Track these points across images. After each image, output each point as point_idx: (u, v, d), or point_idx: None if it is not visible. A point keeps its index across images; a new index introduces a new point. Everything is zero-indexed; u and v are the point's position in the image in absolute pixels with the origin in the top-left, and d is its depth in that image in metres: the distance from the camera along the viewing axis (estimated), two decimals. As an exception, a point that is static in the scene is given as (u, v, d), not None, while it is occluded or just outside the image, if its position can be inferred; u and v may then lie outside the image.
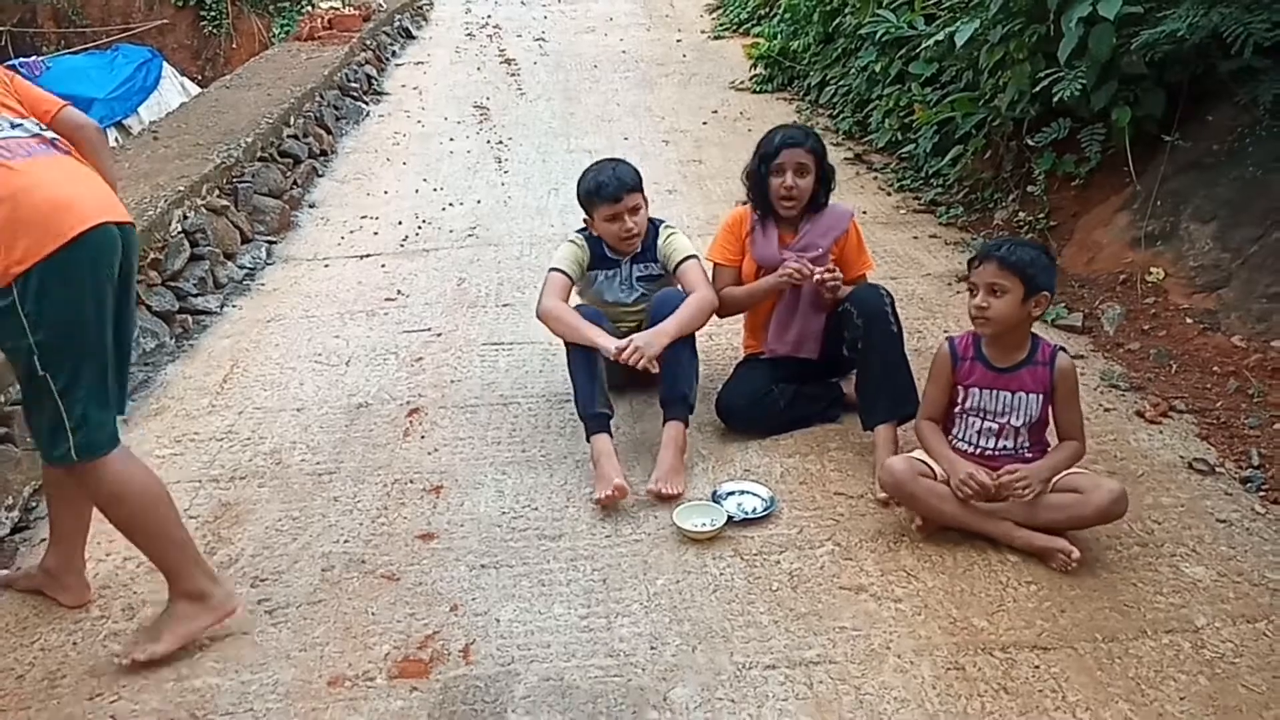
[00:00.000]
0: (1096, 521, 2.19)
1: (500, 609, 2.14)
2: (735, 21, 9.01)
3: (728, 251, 2.85)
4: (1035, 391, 2.25)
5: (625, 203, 2.72)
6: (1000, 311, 2.20)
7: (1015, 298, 2.19)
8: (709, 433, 2.81)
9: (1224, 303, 3.18)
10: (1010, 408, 2.27)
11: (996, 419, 2.29)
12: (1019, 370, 2.26)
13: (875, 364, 2.58)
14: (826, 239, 2.73)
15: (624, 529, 2.40)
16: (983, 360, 2.29)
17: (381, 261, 4.28)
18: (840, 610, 2.09)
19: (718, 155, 5.56)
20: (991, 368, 2.28)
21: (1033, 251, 2.22)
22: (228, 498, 2.59)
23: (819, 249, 2.71)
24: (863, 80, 5.73)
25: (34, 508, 2.59)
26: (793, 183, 2.66)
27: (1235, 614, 2.05)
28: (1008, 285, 2.18)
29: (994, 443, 2.30)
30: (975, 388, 2.30)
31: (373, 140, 6.23)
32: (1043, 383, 2.25)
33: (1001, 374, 2.27)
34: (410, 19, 9.60)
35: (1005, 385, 2.27)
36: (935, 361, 2.37)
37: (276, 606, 2.17)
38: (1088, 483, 2.20)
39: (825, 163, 2.74)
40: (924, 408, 2.40)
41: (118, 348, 1.97)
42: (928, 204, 4.64)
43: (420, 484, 2.62)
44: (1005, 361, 2.27)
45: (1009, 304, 2.19)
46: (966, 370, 2.31)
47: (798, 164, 2.67)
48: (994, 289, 2.19)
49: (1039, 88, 3.76)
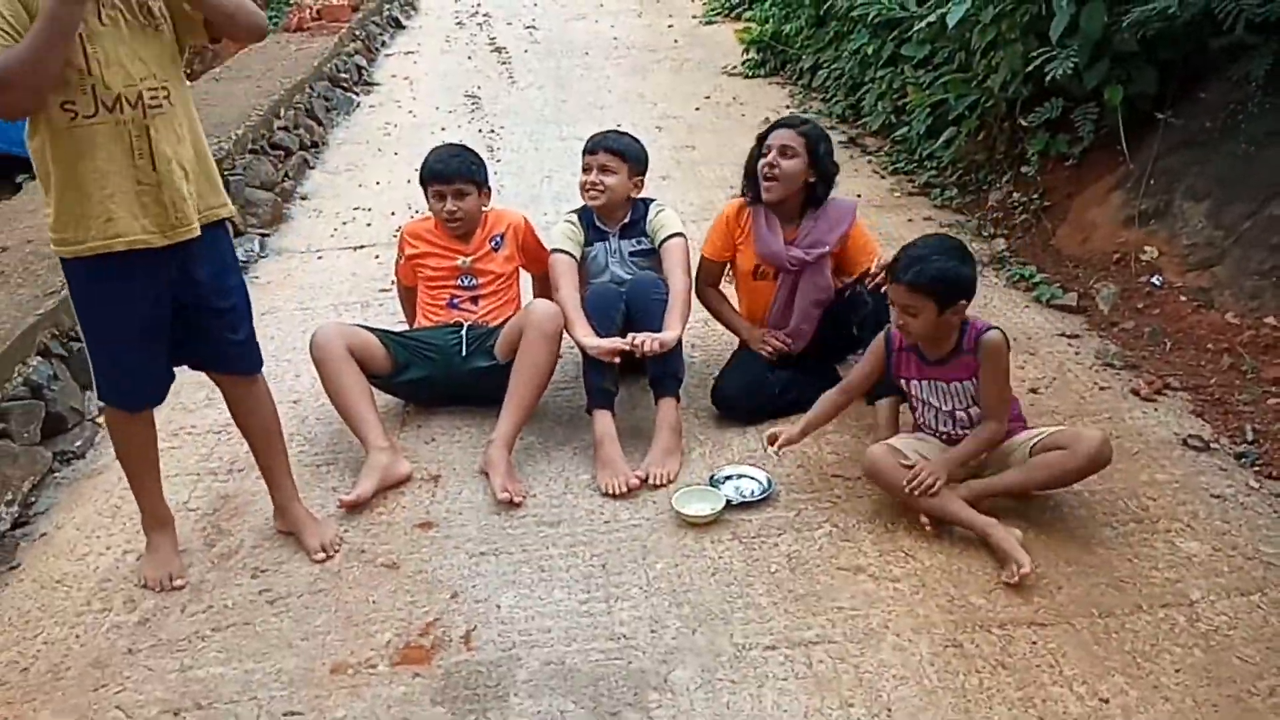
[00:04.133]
0: (1088, 471, 2.19)
1: (500, 595, 2.15)
2: (727, 6, 8.97)
3: (717, 247, 2.88)
4: (968, 378, 2.27)
5: (597, 157, 2.82)
6: (919, 328, 2.23)
7: (930, 315, 2.20)
8: (705, 418, 2.82)
9: (1217, 280, 3.19)
10: (949, 394, 2.30)
11: (942, 407, 2.33)
12: (949, 361, 2.28)
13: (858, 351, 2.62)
14: (832, 236, 2.72)
15: (622, 514, 2.41)
16: (916, 352, 2.32)
17: (375, 252, 4.27)
18: (839, 591, 2.11)
19: (711, 141, 5.55)
20: (924, 360, 2.32)
21: (942, 264, 2.17)
22: (226, 490, 2.60)
23: (825, 247, 2.70)
24: (855, 63, 5.71)
25: (33, 503, 2.60)
26: (775, 160, 2.67)
27: (1230, 587, 2.06)
28: (919, 306, 2.19)
29: (953, 427, 2.33)
30: (914, 380, 2.34)
31: (364, 131, 6.21)
32: (972, 369, 2.26)
33: (933, 366, 2.30)
34: (400, 8, 9.55)
35: (939, 376, 2.30)
36: (871, 345, 2.40)
37: (278, 596, 2.18)
38: (1069, 437, 2.22)
39: (821, 154, 2.71)
40: (843, 382, 2.46)
41: None
42: (922, 186, 4.64)
43: (418, 473, 2.63)
44: (937, 353, 2.29)
45: (925, 321, 2.21)
46: (902, 361, 2.35)
47: (783, 145, 2.68)
48: (907, 309, 2.21)
49: (1031, 67, 3.76)
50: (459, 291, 2.92)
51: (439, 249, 2.94)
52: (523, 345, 2.60)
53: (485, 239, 2.95)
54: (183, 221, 1.96)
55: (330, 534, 2.33)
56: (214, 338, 2.13)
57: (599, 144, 2.84)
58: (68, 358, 2.95)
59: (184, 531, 2.42)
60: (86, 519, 2.52)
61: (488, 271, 2.92)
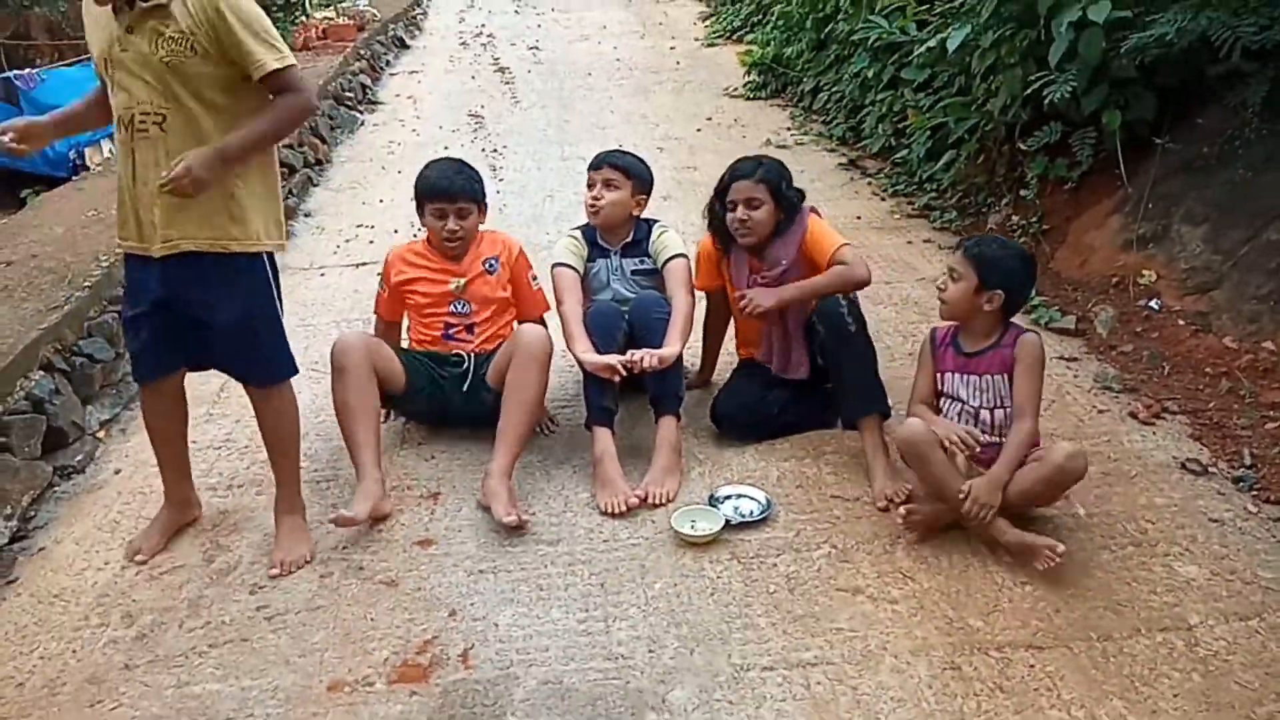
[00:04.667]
0: (1058, 481, 2.19)
1: (498, 613, 2.15)
2: (728, 29, 9.05)
3: (709, 278, 2.93)
4: (1001, 373, 2.32)
5: (601, 172, 2.84)
6: (952, 296, 2.34)
7: (968, 286, 2.31)
8: (705, 437, 2.82)
9: (1216, 304, 3.20)
10: (979, 389, 2.34)
11: (970, 403, 2.35)
12: (985, 354, 2.34)
13: (840, 364, 2.60)
14: (789, 250, 2.70)
15: (621, 534, 2.41)
16: (955, 347, 2.39)
17: (377, 269, 4.26)
18: (837, 612, 2.11)
19: (712, 162, 5.57)
20: (961, 353, 2.37)
21: (1000, 251, 2.35)
22: (226, 505, 2.60)
23: (782, 265, 2.69)
24: (855, 86, 5.76)
25: (32, 517, 2.60)
26: (745, 215, 2.68)
27: (1228, 612, 2.06)
28: (961, 273, 2.32)
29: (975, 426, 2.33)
30: (949, 373, 2.39)
31: (368, 149, 6.25)
32: (1007, 364, 2.31)
33: (970, 358, 2.36)
34: (404, 28, 9.63)
35: (973, 369, 2.35)
36: (921, 348, 2.49)
37: (276, 613, 2.18)
38: (1041, 450, 2.25)
39: (783, 192, 2.69)
40: (913, 395, 2.47)
41: None
42: (921, 209, 4.67)
43: (418, 490, 2.63)
44: (974, 347, 2.36)
45: (961, 291, 2.33)
46: (941, 356, 2.42)
47: (747, 198, 2.67)
48: (952, 274, 2.34)
49: (1030, 91, 3.79)
50: (453, 320, 2.80)
51: (430, 272, 2.81)
52: (511, 372, 2.55)
53: (478, 259, 2.82)
54: (154, 240, 2.13)
55: (296, 554, 2.34)
56: (219, 351, 2.29)
57: (604, 160, 2.87)
58: (70, 372, 2.97)
59: (182, 547, 2.43)
60: (85, 534, 2.52)
61: (481, 296, 2.80)
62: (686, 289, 2.78)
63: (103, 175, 4.74)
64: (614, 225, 2.88)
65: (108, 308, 3.28)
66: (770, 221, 2.70)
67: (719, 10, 9.74)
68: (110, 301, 3.30)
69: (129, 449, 2.94)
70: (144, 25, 2.03)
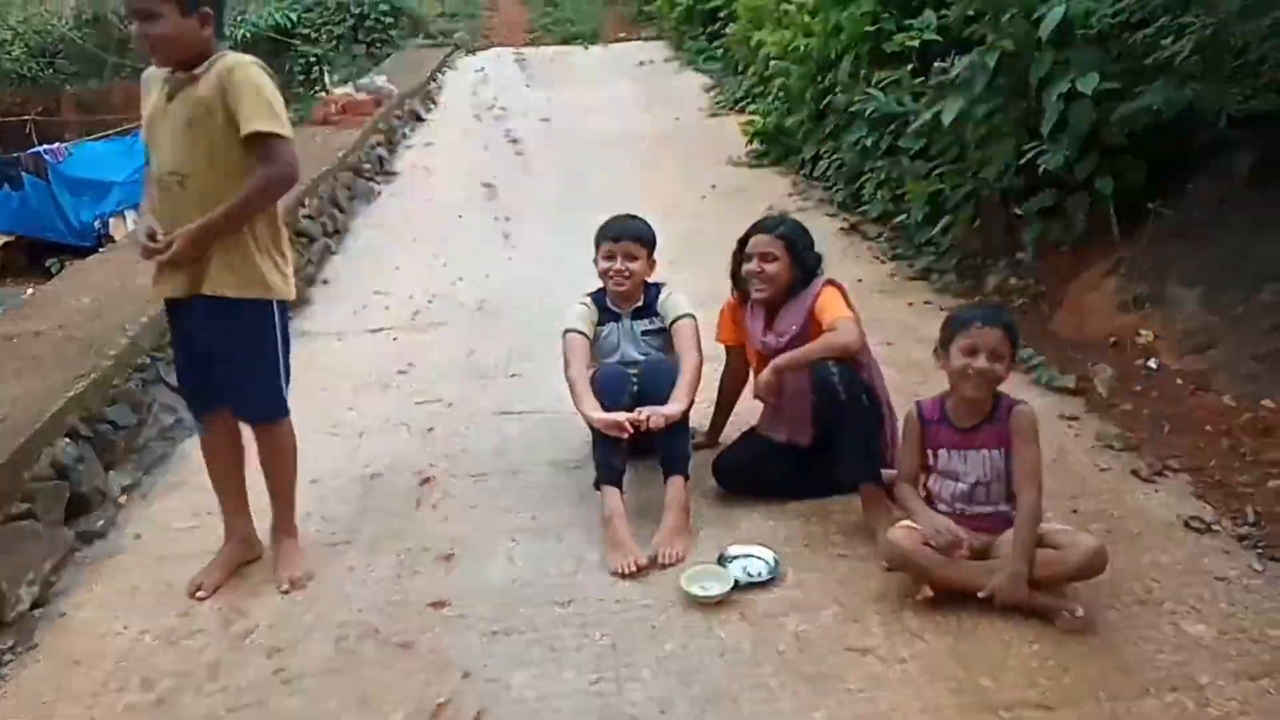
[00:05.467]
0: (1077, 577, 2.22)
1: (512, 675, 2.17)
2: (731, 100, 9.33)
3: (730, 334, 3.03)
4: (997, 447, 2.33)
5: (621, 245, 2.94)
6: (1000, 374, 2.32)
7: (1009, 361, 2.32)
8: (713, 497, 2.87)
9: (1213, 363, 3.26)
10: (977, 465, 2.35)
11: (965, 479, 2.36)
12: (981, 429, 2.35)
13: (833, 431, 2.64)
14: (799, 316, 2.77)
15: (633, 594, 2.44)
16: (948, 422, 2.39)
17: (394, 335, 4.40)
18: (846, 672, 2.12)
19: (717, 228, 5.69)
20: (957, 429, 2.38)
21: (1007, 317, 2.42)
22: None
23: (792, 330, 2.75)
24: (855, 154, 5.92)
25: (53, 583, 2.65)
26: (758, 268, 2.78)
27: (1238, 671, 2.06)
28: (1003, 351, 2.31)
29: (969, 505, 2.36)
30: (944, 449, 2.39)
31: (384, 218, 6.43)
32: (1004, 439, 2.33)
33: (965, 434, 2.37)
34: (420, 103, 9.96)
35: (969, 444, 2.36)
36: (905, 425, 2.48)
37: (292, 676, 2.21)
38: (1066, 540, 2.24)
39: (800, 251, 2.79)
40: (900, 472, 2.46)
41: None
42: (921, 271, 4.77)
43: (433, 552, 2.68)
44: (969, 422, 2.37)
45: (1006, 367, 2.32)
46: (934, 432, 2.41)
47: (762, 252, 2.78)
48: (996, 355, 2.30)
49: (1024, 160, 3.92)
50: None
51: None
52: None
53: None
54: (168, 282, 2.39)
55: (302, 570, 2.56)
56: (224, 388, 2.49)
57: (622, 232, 2.97)
58: (94, 439, 3.04)
59: (201, 612, 2.47)
60: (105, 599, 2.57)
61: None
62: (694, 348, 2.87)
63: (129, 247, 4.88)
64: (633, 293, 2.99)
65: (131, 375, 3.38)
66: (785, 278, 2.78)
67: (722, 82, 10.06)
68: (135, 369, 3.41)
69: (150, 514, 3.00)
70: (179, 93, 2.30)
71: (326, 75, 11.16)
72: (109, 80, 13.91)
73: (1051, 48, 3.78)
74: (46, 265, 10.28)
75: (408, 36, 14.13)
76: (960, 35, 4.59)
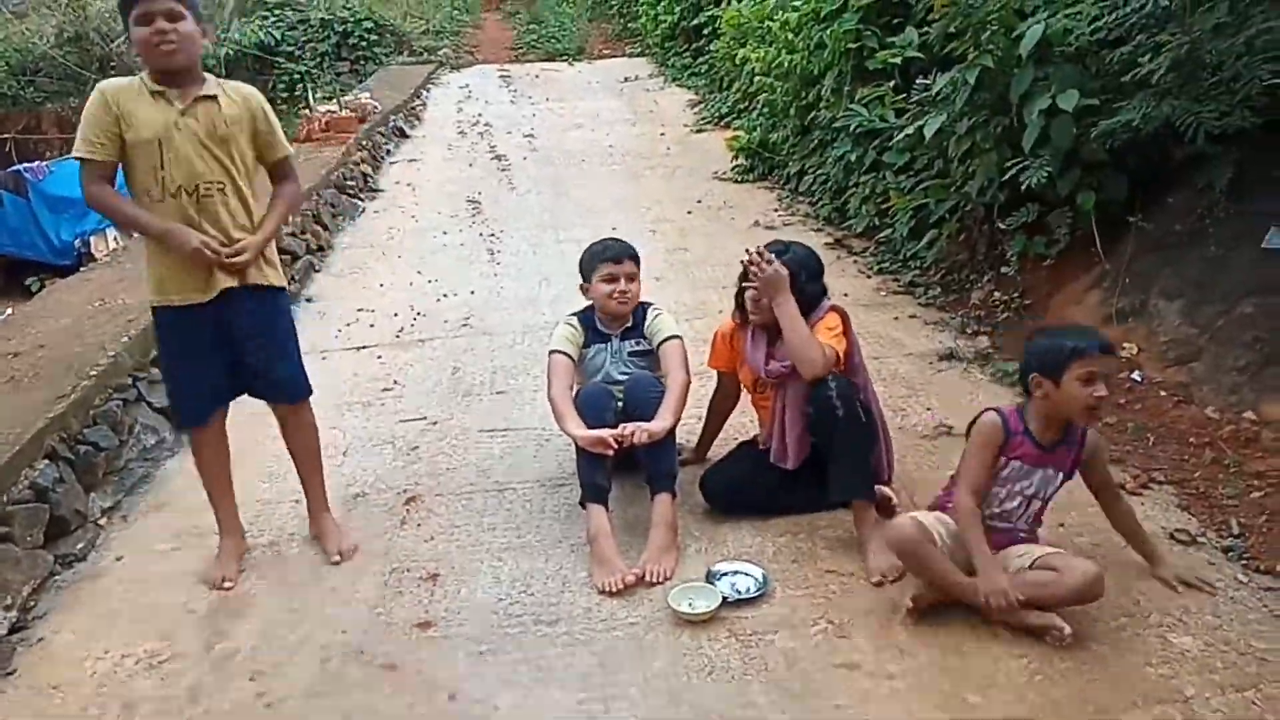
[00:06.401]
0: (1073, 601, 2.21)
1: (499, 696, 2.15)
2: (716, 115, 9.39)
3: (722, 359, 3.00)
4: (1064, 469, 2.34)
5: (624, 266, 2.93)
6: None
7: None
8: (700, 514, 2.86)
9: (1196, 375, 3.29)
10: (1035, 483, 2.34)
11: (1019, 494, 2.34)
12: (1058, 448, 2.33)
13: (829, 446, 2.63)
14: None
15: (620, 613, 2.43)
16: (1030, 436, 2.32)
17: (378, 353, 4.38)
18: (835, 689, 2.12)
19: (702, 243, 5.75)
20: (1038, 444, 2.32)
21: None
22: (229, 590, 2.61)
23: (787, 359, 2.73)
24: (839, 169, 5.96)
25: (32, 607, 2.61)
26: (759, 296, 2.73)
27: (1224, 683, 2.07)
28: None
29: (999, 520, 2.36)
30: (1016, 460, 2.32)
31: (368, 235, 6.41)
32: (1072, 462, 2.34)
33: (1045, 451, 2.32)
34: (404, 119, 9.96)
35: (1046, 462, 2.33)
36: (983, 432, 2.32)
37: (276, 700, 2.18)
38: (1062, 563, 2.24)
39: (802, 281, 2.73)
40: (967, 482, 2.31)
41: None
42: (906, 285, 4.79)
43: (417, 572, 2.65)
44: (1049, 440, 2.32)
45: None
46: (1016, 444, 2.32)
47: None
48: (1112, 380, 2.27)
49: (1007, 175, 3.96)
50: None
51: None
52: None
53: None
54: (216, 285, 2.50)
55: (349, 543, 2.76)
56: (258, 372, 2.63)
57: (622, 252, 2.96)
58: (74, 460, 3.00)
59: (183, 635, 2.43)
60: (85, 624, 2.52)
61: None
62: (681, 368, 2.86)
63: (109, 266, 4.85)
64: (628, 314, 2.98)
65: (113, 396, 3.34)
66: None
67: (707, 99, 10.11)
68: (115, 390, 3.37)
69: (130, 536, 2.97)
70: (196, 110, 2.45)
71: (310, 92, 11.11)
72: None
73: (1031, 65, 3.83)
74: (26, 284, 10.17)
75: (391, 53, 14.13)
76: (942, 52, 4.64)
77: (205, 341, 2.56)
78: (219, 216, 2.49)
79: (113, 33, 14.07)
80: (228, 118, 2.49)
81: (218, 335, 2.56)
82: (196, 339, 2.56)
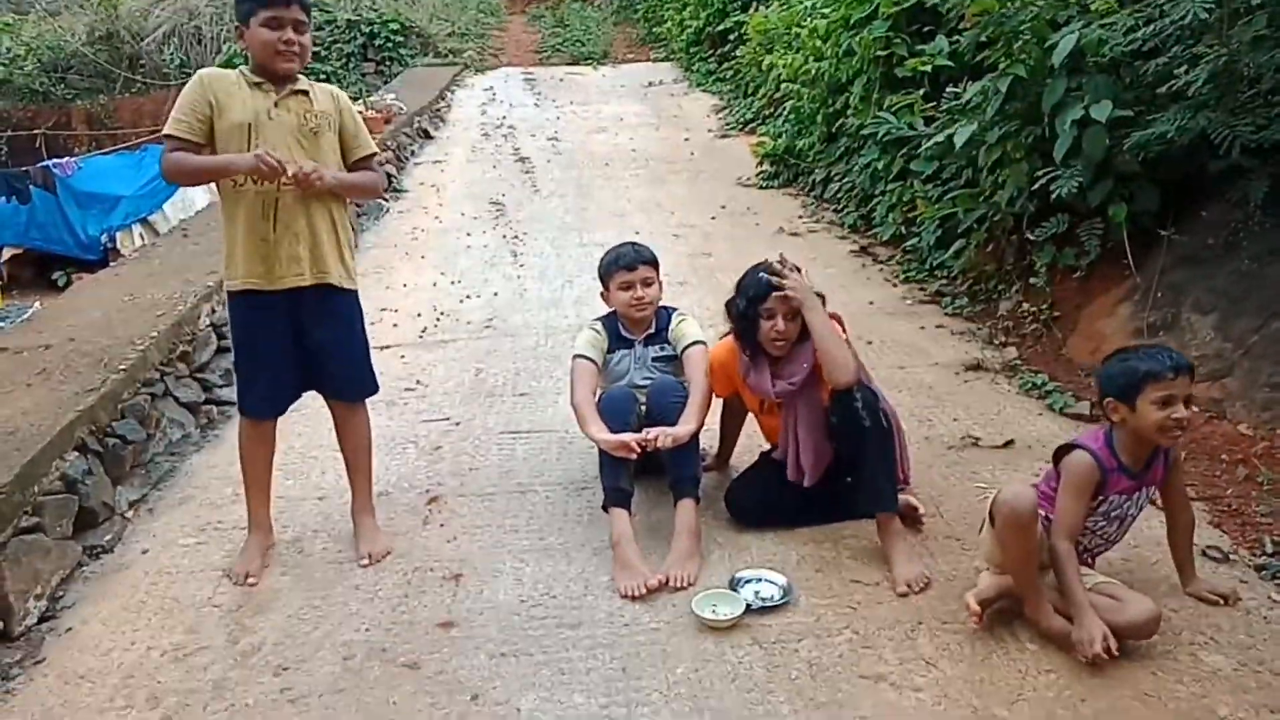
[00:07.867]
0: (1128, 636, 2.16)
1: (521, 698, 2.15)
2: (741, 121, 9.38)
3: (722, 388, 2.90)
4: (1155, 483, 2.31)
5: (639, 273, 2.91)
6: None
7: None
8: (723, 520, 2.84)
9: (1229, 392, 3.24)
10: (1138, 503, 2.31)
11: (1119, 516, 2.30)
12: (1149, 469, 2.29)
13: (854, 458, 2.59)
14: (807, 357, 2.66)
15: (643, 617, 2.42)
16: (1123, 468, 2.25)
17: (401, 352, 4.40)
18: (860, 700, 2.10)
19: (726, 249, 5.74)
20: (1130, 474, 2.26)
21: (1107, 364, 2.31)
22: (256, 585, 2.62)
23: (804, 370, 2.66)
24: (866, 177, 5.94)
25: (61, 597, 2.63)
26: (785, 327, 2.63)
27: (1258, 704, 2.04)
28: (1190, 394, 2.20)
29: (1106, 543, 2.35)
30: (1121, 495, 2.27)
31: (392, 235, 6.45)
32: (1162, 474, 2.31)
33: (1136, 478, 2.27)
34: (429, 120, 10.01)
35: (1141, 487, 2.29)
36: (1078, 475, 2.23)
37: (299, 695, 2.18)
38: (1123, 594, 2.21)
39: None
40: (1064, 526, 2.22)
41: None
42: (933, 295, 4.76)
43: (440, 572, 2.65)
44: (1139, 465, 2.27)
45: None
46: (1114, 481, 2.25)
47: (789, 309, 2.62)
48: (1191, 400, 2.20)
49: (1037, 185, 3.92)
50: None
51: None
52: None
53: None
54: (290, 273, 2.56)
55: (380, 547, 2.75)
56: (330, 370, 2.71)
57: (636, 259, 2.93)
58: (103, 453, 3.03)
59: (208, 628, 2.45)
60: (112, 614, 2.54)
61: None
62: (705, 374, 2.85)
63: (139, 261, 4.90)
64: (650, 318, 2.97)
65: (141, 390, 3.37)
66: (799, 330, 2.68)
67: (732, 104, 10.11)
68: (144, 384, 3.40)
69: (156, 528, 2.99)
70: (288, 103, 2.54)
71: (337, 93, 11.22)
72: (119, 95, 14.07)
73: (1064, 75, 3.80)
74: (53, 278, 10.31)
75: (417, 55, 14.21)
76: (972, 61, 4.61)
77: (277, 336, 2.61)
78: (302, 203, 2.54)
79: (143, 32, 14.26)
80: (318, 112, 2.57)
81: (292, 332, 2.62)
82: (269, 332, 2.61)
